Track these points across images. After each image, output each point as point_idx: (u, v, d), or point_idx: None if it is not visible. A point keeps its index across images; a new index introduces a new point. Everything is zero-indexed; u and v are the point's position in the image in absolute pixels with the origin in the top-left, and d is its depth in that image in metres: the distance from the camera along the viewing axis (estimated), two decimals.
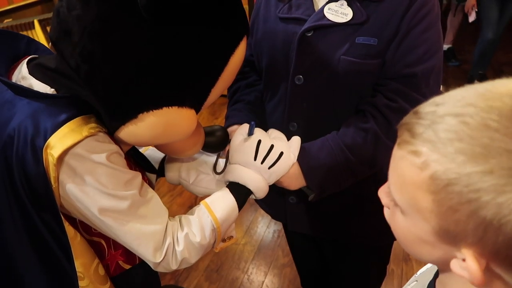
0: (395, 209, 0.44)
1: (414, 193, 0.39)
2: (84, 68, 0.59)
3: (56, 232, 0.65)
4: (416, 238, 0.42)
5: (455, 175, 0.36)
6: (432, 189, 0.37)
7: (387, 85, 0.83)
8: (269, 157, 0.81)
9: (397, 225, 0.45)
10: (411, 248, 0.45)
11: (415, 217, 0.41)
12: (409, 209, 0.41)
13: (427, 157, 0.37)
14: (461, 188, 0.35)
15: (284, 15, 0.87)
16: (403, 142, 0.40)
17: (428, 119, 0.39)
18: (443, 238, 0.39)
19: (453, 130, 0.36)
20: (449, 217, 0.37)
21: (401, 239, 0.46)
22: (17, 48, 0.73)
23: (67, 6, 0.59)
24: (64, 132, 0.59)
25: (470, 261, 0.38)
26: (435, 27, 0.82)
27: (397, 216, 0.44)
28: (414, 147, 0.39)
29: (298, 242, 1.29)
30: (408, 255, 1.98)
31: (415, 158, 0.38)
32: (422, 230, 0.41)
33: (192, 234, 0.73)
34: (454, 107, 0.38)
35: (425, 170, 0.38)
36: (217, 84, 0.66)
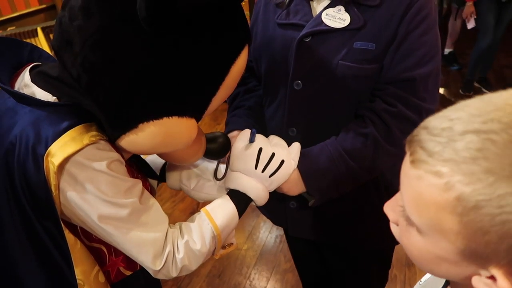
0: (409, 228, 0.42)
1: (437, 215, 0.37)
2: (85, 78, 0.59)
3: (57, 239, 0.65)
4: (434, 257, 0.41)
5: (484, 196, 0.34)
6: (459, 211, 0.35)
7: (385, 89, 0.83)
8: (270, 166, 0.81)
9: (412, 244, 0.43)
10: (427, 266, 0.43)
11: (436, 237, 0.39)
12: (429, 229, 0.39)
13: (450, 178, 0.36)
14: (493, 210, 0.34)
15: (282, 21, 0.88)
16: (418, 161, 0.38)
17: (445, 137, 0.37)
18: (469, 258, 0.37)
19: (476, 148, 0.35)
20: (478, 239, 0.35)
21: (416, 258, 0.43)
22: (21, 55, 0.74)
23: (69, 16, 0.59)
24: (65, 140, 0.60)
25: (502, 281, 0.36)
26: (433, 30, 0.82)
27: (411, 235, 0.42)
28: (433, 168, 0.37)
29: (299, 247, 1.29)
30: (411, 260, 1.97)
31: (436, 179, 0.37)
32: (444, 250, 0.39)
33: (192, 241, 0.73)
34: (472, 122, 0.36)
35: (449, 192, 0.36)
36: (218, 93, 0.66)
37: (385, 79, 0.83)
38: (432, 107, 0.86)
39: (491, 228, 0.34)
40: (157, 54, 0.58)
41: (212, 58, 0.62)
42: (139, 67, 0.58)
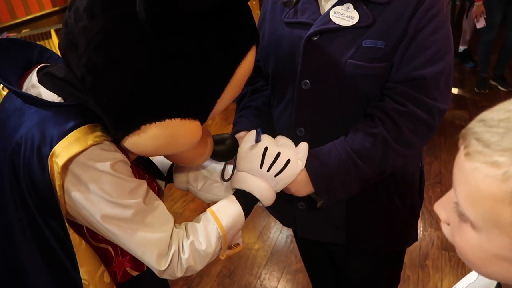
0: (463, 226, 0.41)
1: (494, 208, 0.36)
2: (89, 79, 0.60)
3: (62, 239, 0.66)
4: (490, 256, 0.39)
5: None
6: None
7: (395, 88, 0.81)
8: (276, 165, 0.80)
9: (465, 242, 0.41)
10: (482, 267, 0.41)
11: (493, 233, 0.38)
12: (485, 224, 0.38)
13: (508, 167, 0.35)
14: None
15: (289, 19, 0.87)
16: (474, 153, 0.38)
17: (502, 127, 0.36)
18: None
19: None
20: None
21: (469, 258, 0.42)
22: (30, 56, 0.75)
23: (75, 18, 0.60)
24: (69, 141, 0.60)
25: None
26: (444, 28, 0.80)
27: (466, 232, 0.41)
28: (490, 158, 0.36)
29: (308, 248, 1.27)
30: (424, 261, 1.94)
31: (493, 170, 0.36)
32: (501, 247, 0.37)
33: (198, 242, 0.73)
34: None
35: (507, 182, 0.35)
36: (223, 94, 0.65)
37: (395, 78, 0.81)
38: (444, 106, 0.84)
39: None
40: (160, 56, 0.57)
41: (217, 60, 0.61)
42: (142, 69, 0.58)
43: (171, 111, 0.61)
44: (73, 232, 0.67)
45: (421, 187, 1.04)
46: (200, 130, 0.66)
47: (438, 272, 1.88)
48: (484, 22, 3.17)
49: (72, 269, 0.67)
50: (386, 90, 0.83)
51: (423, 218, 2.18)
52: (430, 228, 2.12)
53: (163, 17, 0.54)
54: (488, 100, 3.31)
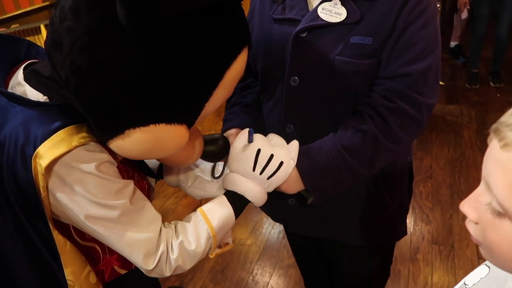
0: (500, 221, 0.41)
1: None
2: (73, 80, 0.58)
3: (47, 240, 0.65)
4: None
5: None
6: None
7: (384, 84, 0.82)
8: (269, 168, 0.79)
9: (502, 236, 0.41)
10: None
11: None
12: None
13: None
14: None
15: (278, 16, 0.86)
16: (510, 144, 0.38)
17: None
18: None
19: None
20: None
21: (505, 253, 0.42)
22: (17, 52, 0.73)
23: (60, 16, 0.58)
24: (54, 142, 0.59)
25: None
26: (432, 24, 0.81)
27: (503, 227, 0.41)
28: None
29: (299, 244, 1.28)
30: (415, 255, 1.96)
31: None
32: None
33: (187, 242, 0.73)
34: None
35: None
36: (212, 98, 0.64)
37: (383, 74, 0.82)
38: (432, 102, 0.84)
39: None
40: (144, 60, 0.56)
41: (205, 64, 0.60)
42: (127, 72, 0.56)
43: (156, 116, 0.60)
44: (58, 233, 0.66)
45: (410, 182, 1.05)
46: (186, 134, 0.65)
47: (429, 266, 1.90)
48: (466, 14, 3.24)
49: (57, 269, 0.67)
50: (375, 86, 0.83)
51: (414, 212, 2.20)
52: (421, 222, 2.14)
53: (145, 22, 0.53)
54: (479, 95, 3.34)
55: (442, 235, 2.05)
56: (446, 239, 2.02)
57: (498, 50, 3.32)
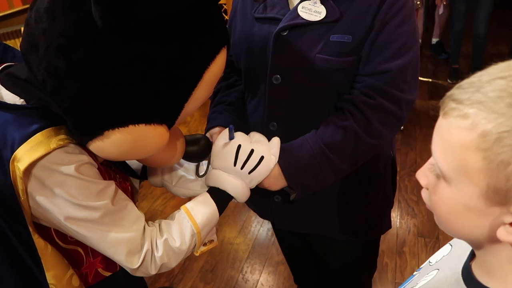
0: (438, 183, 0.45)
1: (462, 155, 0.40)
2: (49, 82, 0.58)
3: (28, 243, 0.65)
4: (461, 208, 0.42)
5: (506, 127, 0.37)
6: (483, 146, 0.38)
7: (364, 82, 0.83)
8: (249, 162, 0.80)
9: (439, 199, 0.45)
10: (455, 223, 0.45)
11: (462, 182, 0.41)
12: (455, 174, 0.41)
13: (475, 116, 0.39)
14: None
15: (259, 15, 0.87)
16: (449, 111, 0.41)
17: (474, 87, 0.40)
18: (492, 199, 0.39)
19: (502, 88, 0.38)
20: (500, 173, 0.38)
21: (444, 214, 0.45)
22: None
23: (35, 18, 0.58)
24: (32, 144, 0.59)
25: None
26: (410, 21, 0.82)
27: (440, 188, 0.44)
28: (461, 112, 0.40)
29: (287, 240, 1.29)
30: (402, 248, 1.99)
31: (463, 121, 0.39)
32: (469, 196, 0.41)
33: (172, 239, 0.73)
34: (500, 72, 0.40)
35: (474, 130, 0.38)
36: (191, 98, 0.64)
37: (363, 71, 0.83)
38: (412, 97, 0.86)
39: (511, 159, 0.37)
40: (122, 60, 0.56)
41: (183, 64, 0.60)
42: (104, 74, 0.56)
43: (135, 117, 0.60)
44: (38, 236, 0.66)
45: (393, 176, 1.07)
46: (166, 135, 0.65)
47: (415, 258, 1.94)
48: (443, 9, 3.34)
49: (38, 273, 0.66)
50: (355, 83, 0.85)
51: (399, 206, 2.23)
52: (407, 216, 2.18)
53: (121, 22, 0.53)
54: None
55: (428, 227, 2.09)
56: (431, 232, 2.06)
57: (476, 46, 3.38)
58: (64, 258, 0.70)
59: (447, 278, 0.52)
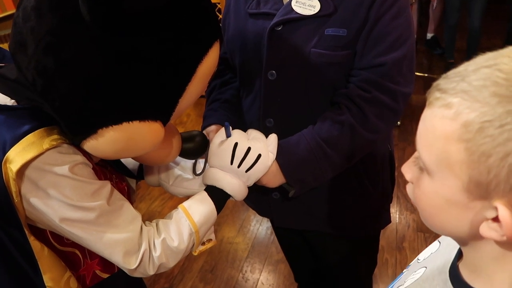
0: (421, 176, 0.43)
1: (445, 146, 0.38)
2: (39, 82, 0.57)
3: (23, 247, 0.64)
4: (443, 202, 0.41)
5: (489, 117, 0.35)
6: (465, 137, 0.37)
7: (359, 75, 0.83)
8: (246, 161, 0.79)
9: (423, 192, 0.43)
10: (437, 218, 0.43)
11: (444, 174, 0.40)
12: (438, 166, 0.40)
13: (459, 106, 0.37)
14: (494, 130, 0.35)
15: (253, 10, 0.86)
16: (433, 100, 0.40)
17: (459, 76, 0.39)
18: (474, 192, 0.38)
19: (487, 77, 0.37)
20: (481, 165, 0.36)
21: (426, 208, 0.44)
22: None
23: (23, 17, 0.57)
24: (24, 145, 0.58)
25: (502, 210, 0.36)
26: (405, 14, 0.82)
27: (423, 182, 0.43)
28: (445, 101, 0.39)
29: (286, 238, 1.29)
30: (401, 244, 1.99)
31: (446, 111, 0.38)
32: (451, 189, 0.39)
33: (169, 239, 0.72)
34: (486, 61, 0.39)
35: (457, 119, 0.37)
36: (185, 93, 0.63)
37: (358, 65, 0.83)
38: (408, 90, 0.85)
39: (493, 150, 0.35)
40: (112, 56, 0.55)
41: (175, 59, 0.59)
42: (94, 71, 0.55)
43: (128, 114, 0.59)
44: (34, 239, 0.65)
45: (392, 170, 1.06)
46: (161, 131, 0.64)
47: (415, 253, 1.93)
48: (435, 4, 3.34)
49: (34, 276, 0.65)
50: (351, 77, 0.84)
51: (398, 202, 2.23)
52: (406, 211, 2.18)
53: (108, 17, 0.52)
54: None
55: None
56: None
57: (471, 40, 3.39)
58: (61, 261, 0.69)
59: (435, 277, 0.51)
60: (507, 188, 0.36)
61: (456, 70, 0.41)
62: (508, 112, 0.35)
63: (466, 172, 0.38)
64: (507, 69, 0.36)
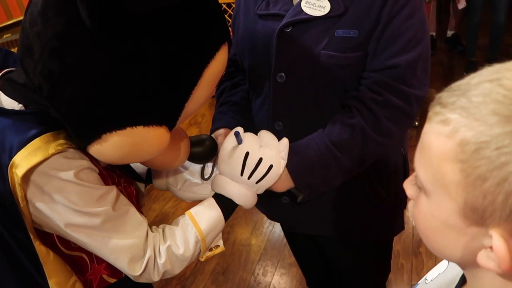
0: (420, 195, 0.41)
1: (440, 165, 0.36)
2: (45, 86, 0.57)
3: (29, 251, 0.64)
4: (440, 224, 0.38)
5: (486, 137, 0.32)
6: (460, 157, 0.34)
7: (371, 77, 0.80)
8: (257, 172, 0.77)
9: (420, 212, 0.41)
10: (434, 240, 0.41)
11: (440, 195, 0.37)
12: (433, 186, 0.38)
13: (456, 123, 0.35)
14: (491, 152, 0.32)
15: (262, 11, 0.85)
16: (433, 115, 0.38)
17: (462, 89, 0.36)
18: (470, 217, 0.35)
19: (487, 93, 0.34)
20: (477, 189, 0.33)
21: (423, 229, 0.41)
22: None
23: (30, 22, 0.57)
24: (30, 150, 0.58)
25: (496, 240, 0.33)
26: (419, 13, 0.79)
27: (420, 201, 0.40)
28: (443, 116, 0.36)
29: (297, 242, 1.27)
30: (418, 249, 1.94)
31: (443, 127, 0.36)
32: (447, 211, 0.37)
33: (175, 246, 0.71)
34: (490, 74, 0.36)
35: (453, 138, 0.35)
36: (192, 97, 0.62)
37: (370, 67, 0.80)
38: (422, 93, 0.82)
39: (489, 174, 0.33)
40: (117, 61, 0.55)
41: (180, 63, 0.58)
42: (99, 75, 0.55)
43: (133, 119, 0.58)
44: (40, 243, 0.65)
45: (405, 174, 1.03)
46: (166, 136, 0.63)
47: (432, 258, 1.88)
48: (464, 3, 3.20)
49: (41, 280, 0.65)
50: (363, 79, 0.82)
51: None
52: None
53: (108, 22, 0.51)
54: None
55: None
56: None
57: (495, 36, 3.29)
58: (67, 265, 0.69)
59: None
60: (503, 216, 0.33)
61: (459, 82, 0.38)
62: (506, 133, 0.32)
63: (462, 195, 0.35)
64: (509, 85, 0.33)
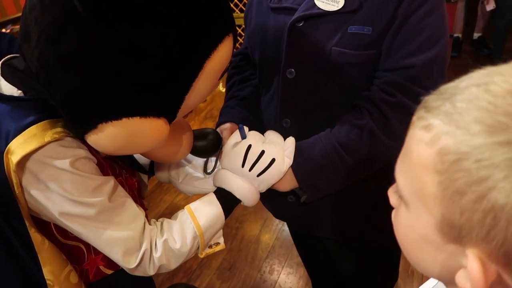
0: (400, 205, 0.38)
1: (419, 175, 0.33)
2: (42, 74, 0.56)
3: (24, 238, 0.63)
4: (419, 239, 0.36)
5: (466, 148, 0.30)
6: (439, 168, 0.31)
7: (384, 77, 0.77)
8: (258, 164, 0.75)
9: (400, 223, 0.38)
10: (413, 254, 0.38)
11: (419, 207, 0.34)
12: (412, 197, 0.35)
13: (438, 130, 0.32)
14: (471, 165, 0.29)
15: (275, 5, 0.82)
16: (416, 120, 0.35)
17: (449, 93, 0.33)
18: (447, 234, 0.33)
19: (472, 99, 0.31)
20: (454, 204, 0.31)
21: (403, 242, 0.39)
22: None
23: (29, 7, 0.56)
24: (26, 137, 0.57)
25: (472, 261, 0.31)
26: (438, 11, 0.75)
27: (400, 212, 0.38)
28: (426, 122, 0.33)
29: (304, 242, 1.24)
30: None
31: (425, 133, 0.33)
32: (426, 226, 0.34)
33: (172, 240, 0.70)
34: (479, 78, 0.33)
35: (434, 146, 0.32)
36: (192, 90, 0.60)
37: (384, 66, 0.77)
38: None
39: (467, 188, 0.30)
40: (113, 50, 0.53)
41: (180, 54, 0.56)
42: (95, 64, 0.54)
43: (128, 109, 0.57)
44: (35, 231, 0.64)
45: None
46: (164, 128, 0.61)
47: None
48: (494, 4, 3.09)
49: (35, 268, 0.65)
50: (375, 79, 0.78)
51: None
52: None
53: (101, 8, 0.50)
54: None
55: None
56: None
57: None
58: (62, 254, 0.69)
59: None
60: (480, 236, 0.30)
61: (448, 85, 0.35)
62: (488, 145, 0.29)
63: (439, 210, 0.32)
64: (496, 91, 0.30)
